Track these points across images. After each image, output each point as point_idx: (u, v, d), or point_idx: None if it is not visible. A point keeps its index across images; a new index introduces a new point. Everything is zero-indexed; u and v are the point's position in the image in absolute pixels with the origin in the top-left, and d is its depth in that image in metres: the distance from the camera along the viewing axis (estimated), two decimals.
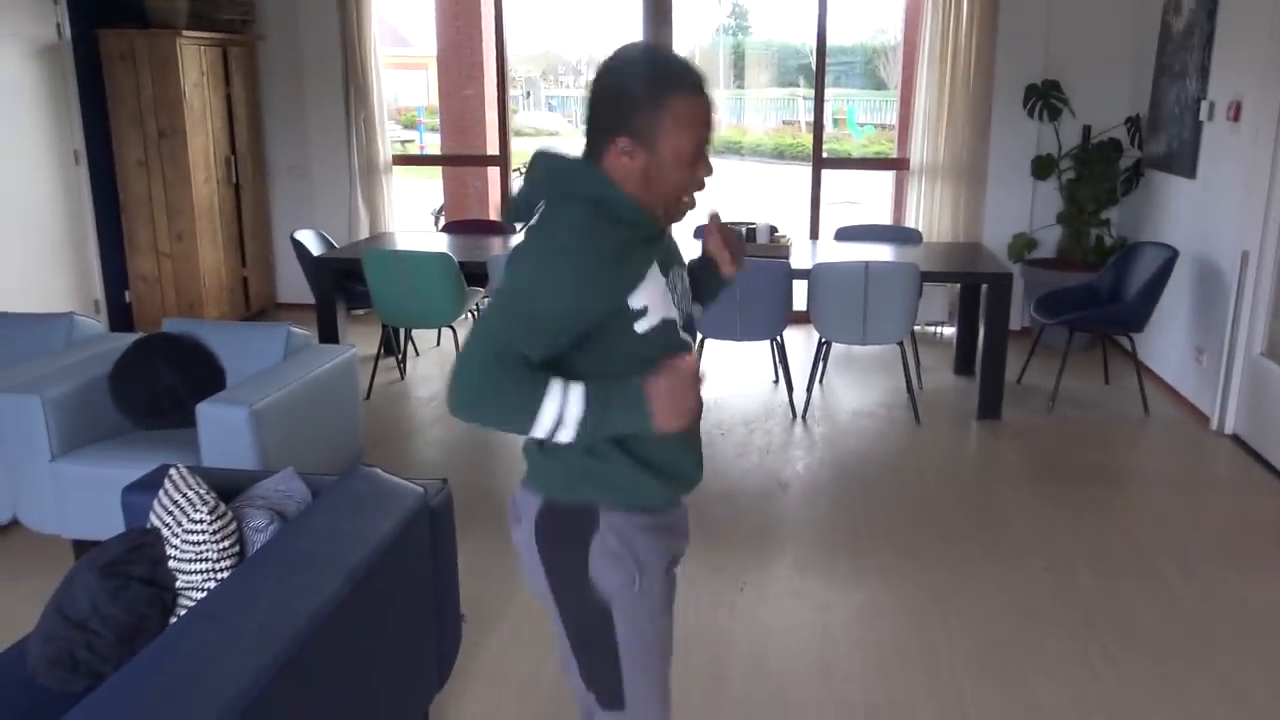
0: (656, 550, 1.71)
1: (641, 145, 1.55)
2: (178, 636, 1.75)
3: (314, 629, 1.83)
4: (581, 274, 1.51)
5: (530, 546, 1.72)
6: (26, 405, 3.36)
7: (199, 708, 1.59)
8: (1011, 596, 3.35)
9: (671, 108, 1.54)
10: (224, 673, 1.67)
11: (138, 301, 6.51)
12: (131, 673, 1.66)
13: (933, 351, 6.31)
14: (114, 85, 6.16)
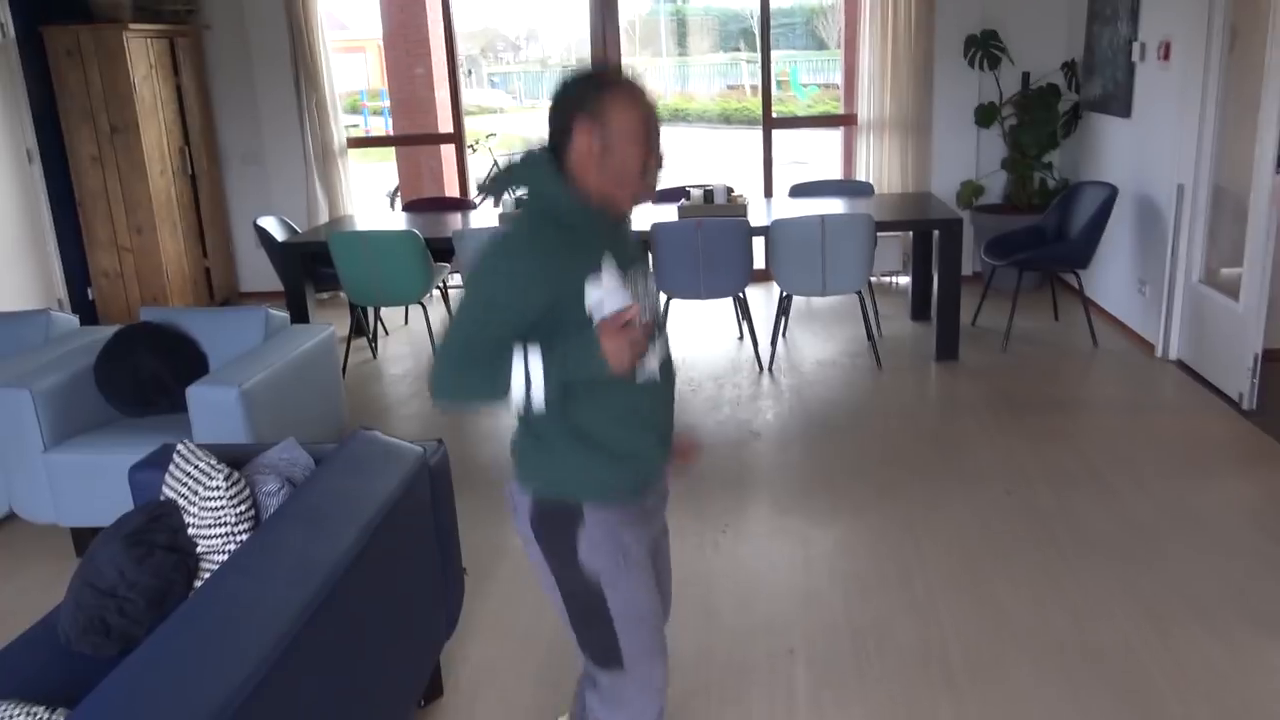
0: (638, 537, 1.90)
1: (599, 126, 1.70)
2: (214, 589, 1.87)
3: (336, 577, 1.95)
4: (521, 273, 1.69)
5: (529, 538, 1.91)
6: (16, 399, 3.42)
7: (241, 651, 1.71)
8: (977, 519, 3.56)
9: (612, 94, 1.71)
10: (260, 619, 1.79)
11: (100, 297, 6.51)
12: (175, 624, 1.78)
13: (889, 300, 6.51)
14: (62, 81, 6.13)
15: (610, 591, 1.88)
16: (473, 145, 9.79)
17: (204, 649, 1.72)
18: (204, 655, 1.71)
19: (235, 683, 1.60)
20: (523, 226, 1.74)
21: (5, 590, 3.41)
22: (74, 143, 6.23)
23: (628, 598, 1.89)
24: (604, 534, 1.86)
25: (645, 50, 25.27)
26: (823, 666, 2.78)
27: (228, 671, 1.64)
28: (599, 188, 1.74)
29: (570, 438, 1.81)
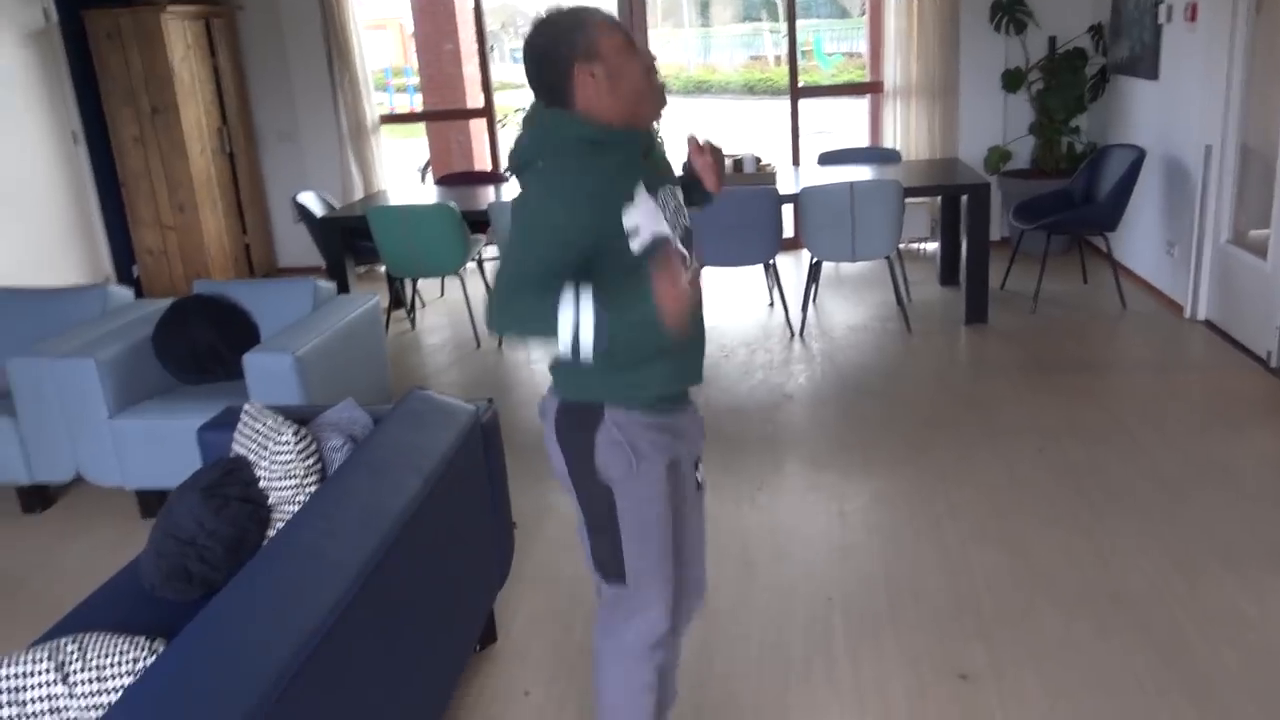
0: (654, 444, 1.94)
1: (598, 62, 1.79)
2: (291, 534, 2.00)
3: (402, 524, 2.08)
4: (571, 200, 1.76)
5: (552, 439, 2.00)
6: (82, 368, 3.58)
7: (319, 590, 1.84)
8: (1007, 473, 3.65)
9: (597, 28, 1.80)
10: (335, 560, 1.92)
11: (146, 274, 6.69)
12: (258, 565, 1.91)
13: (918, 266, 6.57)
14: (103, 64, 6.28)
15: (620, 497, 1.95)
16: (502, 120, 9.90)
17: (285, 589, 1.85)
18: (285, 594, 1.84)
19: (317, 616, 1.74)
20: (558, 157, 1.81)
21: (76, 550, 3.59)
22: (116, 124, 6.39)
23: (637, 507, 1.96)
24: (621, 436, 1.91)
25: (667, 21, 25.20)
26: (859, 615, 2.89)
27: (310, 606, 1.77)
28: (619, 115, 1.82)
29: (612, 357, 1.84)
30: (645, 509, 1.98)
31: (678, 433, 2.03)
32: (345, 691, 1.79)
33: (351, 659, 1.83)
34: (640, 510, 1.98)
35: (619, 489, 1.96)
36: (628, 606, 2.04)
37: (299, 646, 1.66)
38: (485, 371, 5.17)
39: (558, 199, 1.77)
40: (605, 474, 1.95)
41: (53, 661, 1.71)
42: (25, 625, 3.08)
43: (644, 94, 1.84)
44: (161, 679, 1.59)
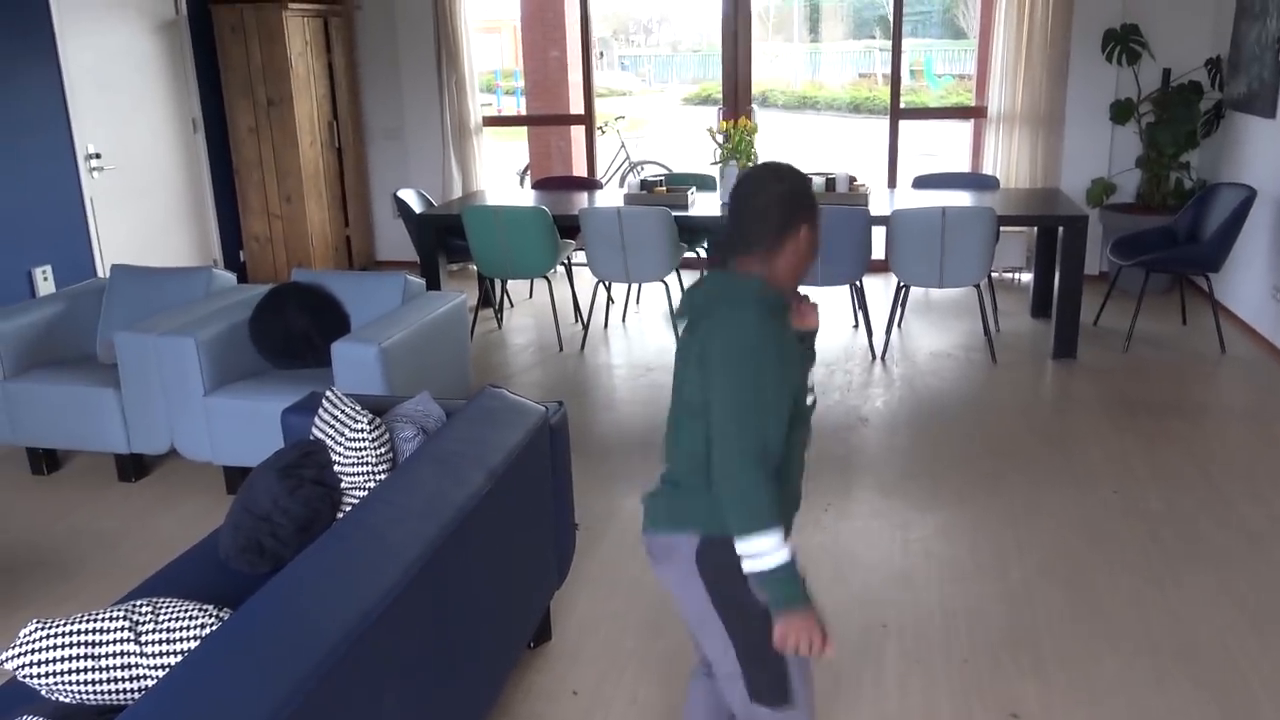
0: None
1: (800, 240, 1.85)
2: (358, 517, 2.10)
3: (464, 514, 2.16)
4: (773, 362, 1.77)
5: (690, 580, 1.90)
6: (183, 346, 3.77)
7: (380, 570, 1.92)
8: (1081, 516, 3.57)
9: (815, 213, 1.88)
10: (397, 544, 2.01)
11: (251, 260, 6.98)
12: (324, 543, 2.01)
13: (1010, 297, 6.45)
14: (226, 56, 6.58)
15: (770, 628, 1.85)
16: (601, 127, 10.02)
17: (345, 569, 1.94)
18: (348, 572, 1.93)
19: (374, 597, 1.82)
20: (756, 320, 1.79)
21: (167, 518, 3.77)
22: (234, 114, 6.69)
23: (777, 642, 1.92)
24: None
25: (778, 36, 25.16)
26: (913, 644, 2.87)
27: (368, 587, 1.85)
28: (790, 280, 1.87)
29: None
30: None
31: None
32: (395, 673, 1.86)
33: (403, 642, 1.90)
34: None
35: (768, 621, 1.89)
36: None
37: (354, 625, 1.74)
38: (565, 375, 5.26)
39: (763, 358, 1.77)
40: (763, 600, 1.85)
41: (128, 620, 1.83)
42: (113, 585, 3.27)
43: (803, 272, 1.90)
44: (222, 646, 1.68)
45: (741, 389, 1.77)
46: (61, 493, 4.03)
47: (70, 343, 4.33)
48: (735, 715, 2.04)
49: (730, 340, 1.79)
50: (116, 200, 5.88)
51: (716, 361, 1.79)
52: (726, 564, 1.83)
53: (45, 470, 4.19)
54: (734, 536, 1.76)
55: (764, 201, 1.85)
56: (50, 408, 4.01)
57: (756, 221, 1.85)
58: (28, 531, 3.72)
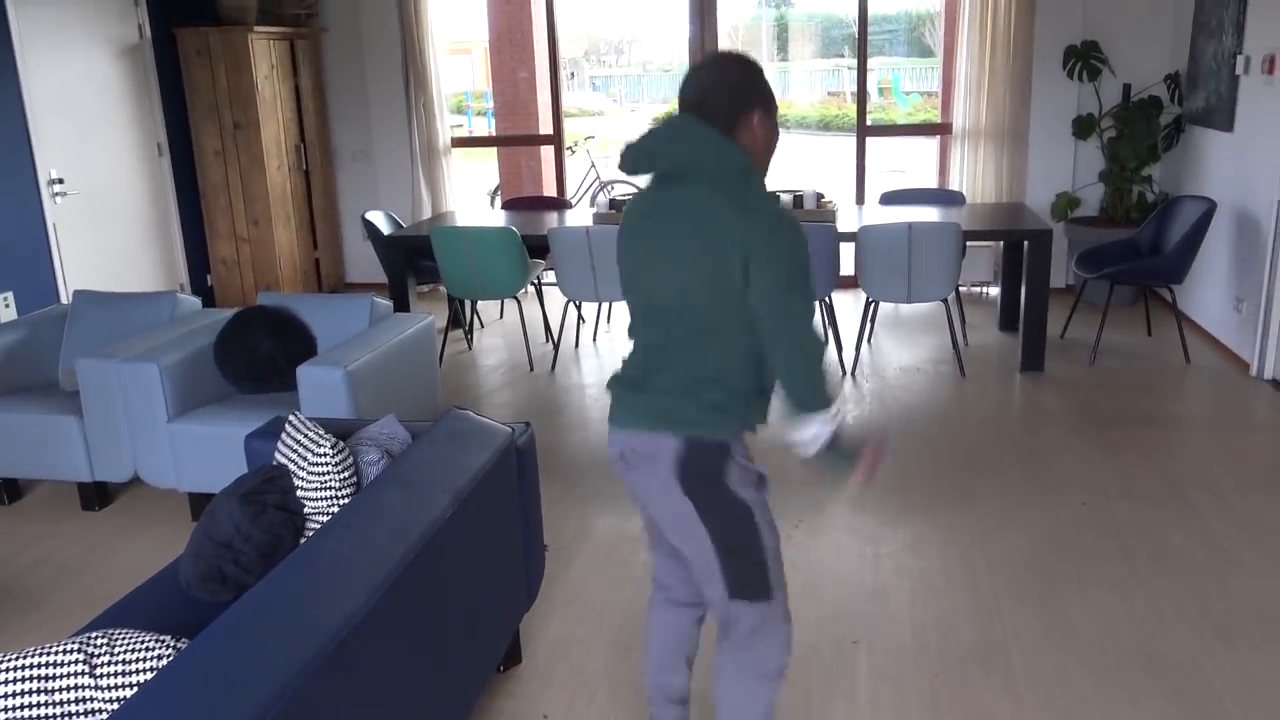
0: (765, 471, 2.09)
1: (767, 113, 1.94)
2: (320, 542, 2.07)
3: (428, 538, 2.14)
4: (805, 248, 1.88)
5: (669, 484, 1.97)
6: (146, 372, 3.72)
7: (342, 596, 1.89)
8: (1050, 528, 3.59)
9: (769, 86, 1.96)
10: (360, 569, 1.98)
11: (219, 284, 6.92)
12: (285, 569, 1.98)
13: (978, 311, 6.50)
14: (191, 80, 6.55)
15: (760, 521, 2.03)
16: (571, 147, 10.04)
17: (306, 596, 1.91)
18: (307, 599, 1.90)
19: (334, 624, 1.79)
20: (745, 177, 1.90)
21: (129, 548, 3.71)
22: (200, 138, 6.64)
23: (768, 529, 2.06)
24: (746, 465, 2.01)
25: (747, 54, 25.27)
26: (883, 659, 2.87)
27: (328, 614, 1.82)
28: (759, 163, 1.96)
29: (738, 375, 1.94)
30: (772, 526, 2.09)
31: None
32: (357, 700, 1.84)
33: (367, 669, 1.87)
34: (771, 527, 2.08)
35: (756, 509, 2.03)
36: (774, 621, 2.11)
37: (313, 653, 1.71)
38: (536, 394, 5.24)
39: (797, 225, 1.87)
40: (741, 497, 2.00)
41: (82, 653, 1.79)
42: (76, 616, 3.21)
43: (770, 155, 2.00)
44: (177, 677, 1.65)
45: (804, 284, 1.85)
46: (23, 523, 3.96)
47: (31, 370, 4.27)
48: (717, 615, 2.12)
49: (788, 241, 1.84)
50: (80, 225, 5.82)
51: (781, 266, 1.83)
52: (710, 465, 1.94)
53: (6, 500, 4.12)
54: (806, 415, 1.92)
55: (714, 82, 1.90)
56: (10, 436, 3.95)
57: (708, 102, 1.91)
58: None
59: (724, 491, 1.97)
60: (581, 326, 6.40)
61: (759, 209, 1.85)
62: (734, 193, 1.86)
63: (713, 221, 1.85)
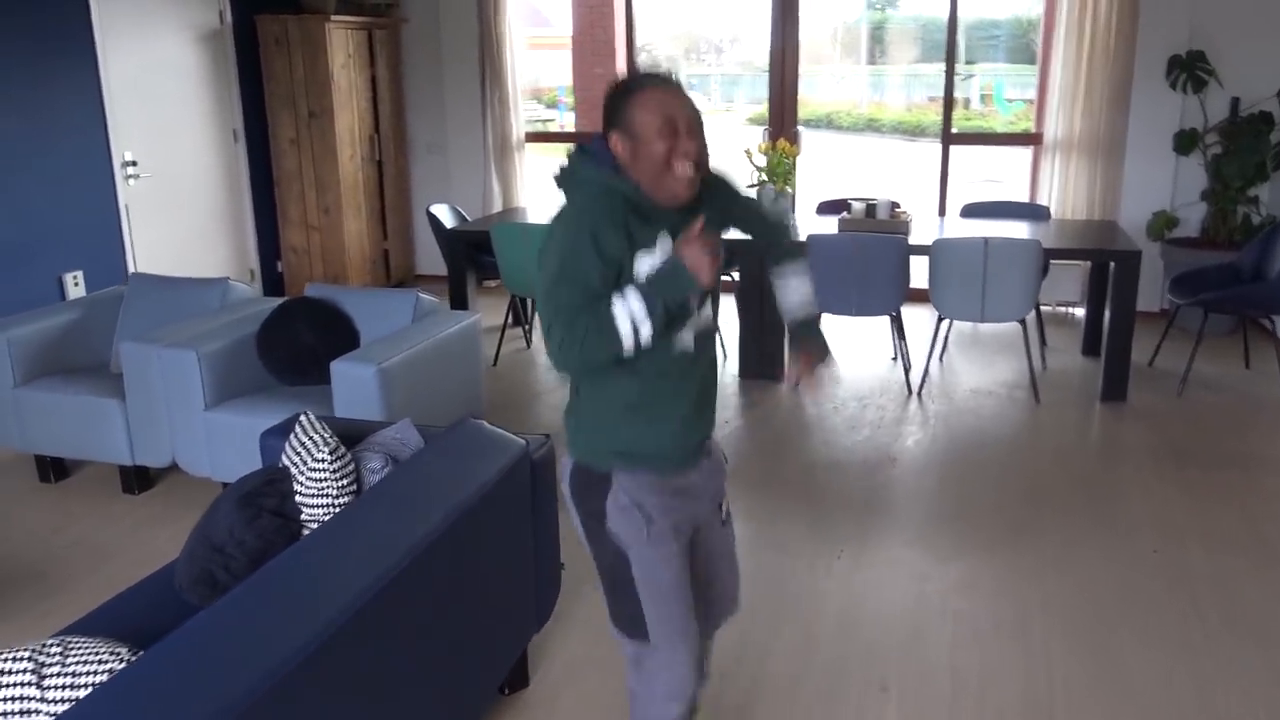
0: (663, 508, 1.96)
1: (625, 133, 1.83)
2: (295, 557, 1.96)
3: (414, 556, 2.01)
4: (581, 236, 1.79)
5: (568, 499, 2.05)
6: (185, 359, 3.70)
7: (309, 613, 1.78)
8: (1115, 573, 3.31)
9: (635, 97, 1.83)
10: (333, 587, 1.87)
11: (289, 271, 6.97)
12: (252, 586, 1.88)
13: (1063, 332, 6.16)
14: (269, 67, 6.59)
15: (635, 562, 1.96)
16: None
17: (272, 610, 1.81)
18: (269, 619, 1.79)
19: (296, 643, 1.67)
20: (578, 198, 1.88)
21: (160, 535, 3.70)
22: (275, 125, 6.69)
23: (652, 570, 1.96)
24: (629, 501, 1.94)
25: (849, 58, 24.85)
26: (915, 707, 2.66)
27: (290, 632, 1.71)
28: (643, 184, 1.85)
29: (604, 405, 1.94)
30: (660, 572, 1.98)
31: (690, 493, 2.03)
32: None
33: (331, 691, 1.76)
34: (655, 573, 1.98)
35: (633, 553, 1.97)
36: (653, 664, 2.05)
37: (267, 673, 1.61)
38: None
39: (569, 231, 1.83)
40: (616, 534, 1.96)
41: (33, 663, 1.71)
42: (92, 604, 3.18)
43: (657, 179, 1.83)
44: (117, 693, 1.56)
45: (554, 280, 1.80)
46: (65, 503, 3.99)
47: (86, 351, 4.30)
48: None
49: (556, 233, 1.83)
50: (152, 208, 5.89)
51: (548, 256, 1.83)
52: (590, 495, 1.96)
53: (53, 479, 4.16)
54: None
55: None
56: (58, 416, 3.98)
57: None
58: (26, 541, 3.67)
59: (600, 524, 1.97)
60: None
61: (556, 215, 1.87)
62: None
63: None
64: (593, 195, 1.86)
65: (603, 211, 1.82)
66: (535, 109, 14.52)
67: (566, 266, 1.80)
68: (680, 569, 2.00)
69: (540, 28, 19.79)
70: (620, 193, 1.84)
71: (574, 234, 1.81)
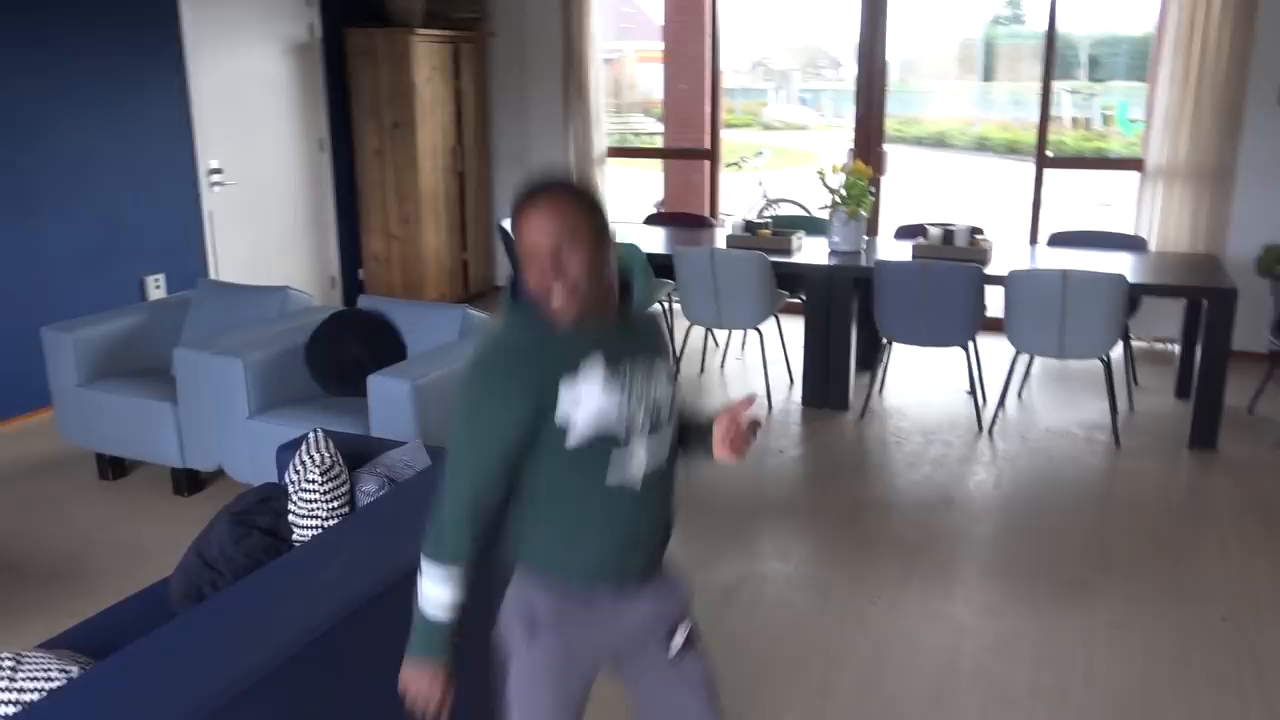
0: (556, 616, 1.69)
1: (518, 243, 1.57)
2: (254, 584, 1.93)
3: (384, 587, 1.95)
4: (479, 403, 1.59)
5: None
6: (231, 366, 3.76)
7: (253, 646, 1.74)
8: (1176, 641, 3.05)
9: (519, 218, 1.57)
10: (285, 619, 1.82)
11: (369, 279, 7.08)
12: (209, 607, 1.85)
13: (1158, 372, 5.79)
14: (355, 79, 6.72)
15: (512, 671, 1.73)
16: (737, 162, 9.77)
17: (216, 641, 1.77)
18: (213, 648, 1.76)
19: (232, 676, 1.63)
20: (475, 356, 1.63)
21: None
22: (360, 135, 6.81)
23: (521, 686, 1.72)
24: (523, 598, 1.71)
25: (969, 74, 24.22)
26: None
27: (230, 666, 1.67)
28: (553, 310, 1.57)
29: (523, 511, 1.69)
30: (532, 691, 1.72)
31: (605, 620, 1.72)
32: None
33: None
34: (525, 691, 1.72)
35: (512, 662, 1.73)
36: None
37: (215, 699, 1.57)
38: None
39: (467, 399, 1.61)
40: (503, 641, 1.75)
41: None
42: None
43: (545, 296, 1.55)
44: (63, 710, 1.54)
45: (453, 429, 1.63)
46: (117, 501, 4.10)
47: (152, 353, 4.41)
48: None
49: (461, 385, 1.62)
50: (235, 215, 6.06)
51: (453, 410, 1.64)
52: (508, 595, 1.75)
53: (111, 476, 4.28)
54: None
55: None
56: (115, 416, 4.09)
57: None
58: (72, 537, 3.78)
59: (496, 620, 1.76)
60: (710, 351, 6.13)
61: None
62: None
63: None
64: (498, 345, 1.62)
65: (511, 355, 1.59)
66: (644, 122, 14.53)
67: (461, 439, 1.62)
68: (561, 697, 1.71)
69: (650, 41, 19.81)
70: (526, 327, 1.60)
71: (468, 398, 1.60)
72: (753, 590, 3.38)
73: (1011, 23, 25.31)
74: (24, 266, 4.91)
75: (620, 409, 1.61)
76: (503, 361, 1.59)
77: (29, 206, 4.92)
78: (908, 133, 22.92)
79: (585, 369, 1.59)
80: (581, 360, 1.59)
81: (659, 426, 1.68)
